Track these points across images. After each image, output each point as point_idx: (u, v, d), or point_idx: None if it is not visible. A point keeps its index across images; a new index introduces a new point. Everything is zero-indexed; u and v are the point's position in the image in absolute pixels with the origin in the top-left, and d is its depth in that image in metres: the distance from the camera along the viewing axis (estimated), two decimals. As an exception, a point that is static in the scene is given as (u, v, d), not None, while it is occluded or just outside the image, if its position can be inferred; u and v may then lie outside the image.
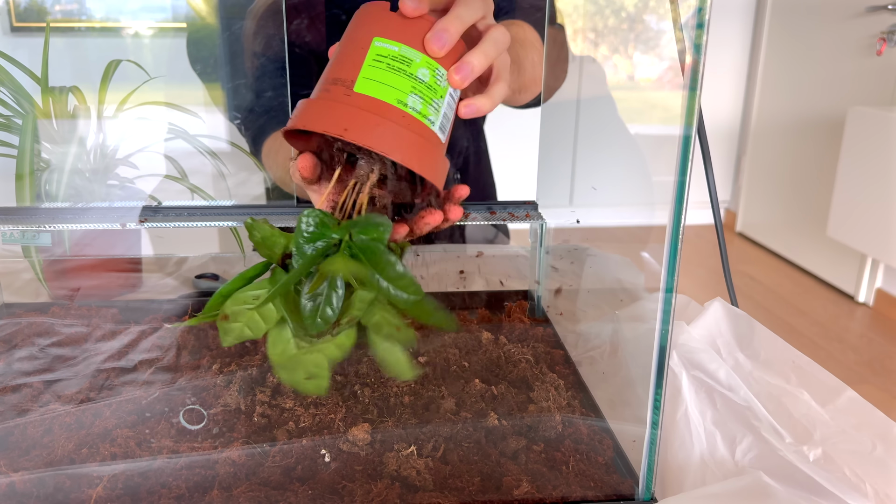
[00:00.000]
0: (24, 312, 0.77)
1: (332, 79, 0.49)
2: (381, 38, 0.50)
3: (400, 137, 0.48)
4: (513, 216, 0.80)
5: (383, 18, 0.51)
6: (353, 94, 0.48)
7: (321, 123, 0.47)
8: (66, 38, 1.41)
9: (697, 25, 0.45)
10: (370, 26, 0.51)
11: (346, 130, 0.47)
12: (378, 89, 0.49)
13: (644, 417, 0.51)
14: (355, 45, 0.50)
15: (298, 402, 0.61)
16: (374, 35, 0.50)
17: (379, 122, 0.48)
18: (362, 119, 0.48)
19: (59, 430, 0.57)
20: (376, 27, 0.51)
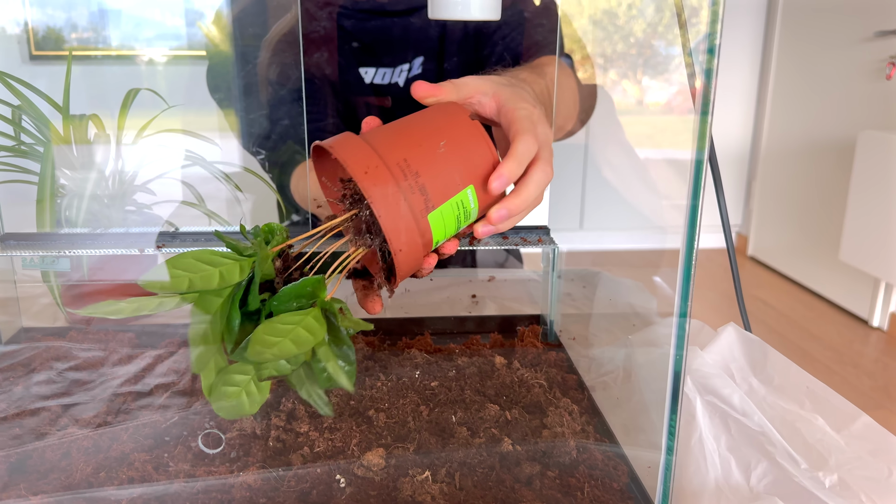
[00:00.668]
0: (42, 336, 0.78)
1: (420, 184, 0.54)
2: (472, 189, 0.57)
3: (411, 254, 0.54)
4: (525, 241, 0.81)
5: (485, 158, 0.57)
6: (425, 218, 0.54)
7: (385, 206, 0.52)
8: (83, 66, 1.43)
9: (708, 50, 0.46)
10: (472, 161, 0.57)
11: (389, 229, 0.52)
12: (438, 224, 0.55)
13: (659, 443, 0.51)
14: (453, 168, 0.56)
15: (313, 426, 0.61)
16: (468, 182, 0.56)
17: (409, 228, 0.53)
18: (402, 222, 0.53)
19: (76, 454, 0.58)
20: (475, 168, 0.57)
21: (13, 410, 0.63)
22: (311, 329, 0.49)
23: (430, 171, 0.54)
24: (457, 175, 0.56)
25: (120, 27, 1.66)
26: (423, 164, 0.54)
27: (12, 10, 1.61)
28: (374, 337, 0.79)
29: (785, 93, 3.37)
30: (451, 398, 0.66)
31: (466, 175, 0.56)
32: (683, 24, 0.64)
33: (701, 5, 0.55)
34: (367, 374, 0.69)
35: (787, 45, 3.35)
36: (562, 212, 1.01)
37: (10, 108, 0.82)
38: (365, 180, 0.52)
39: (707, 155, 0.47)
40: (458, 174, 0.56)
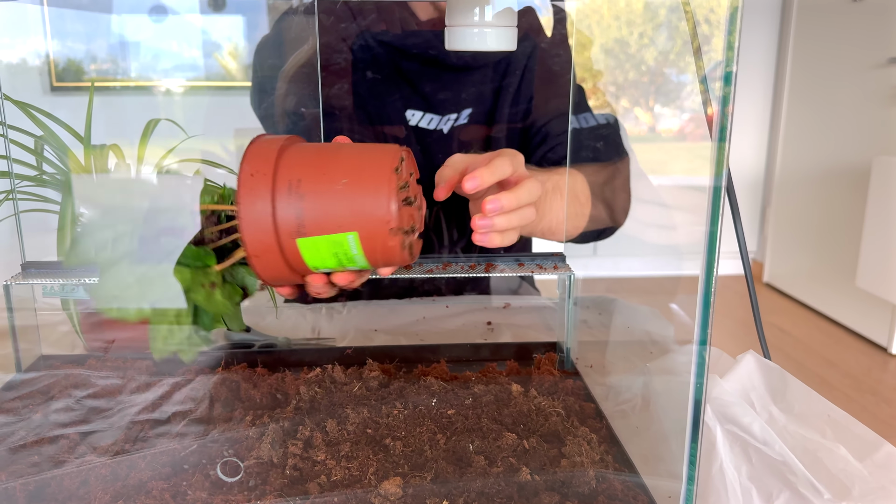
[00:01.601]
0: (61, 364, 0.79)
1: (300, 208, 0.53)
2: (356, 236, 0.54)
3: (269, 264, 0.55)
4: (541, 268, 0.81)
5: (376, 203, 0.54)
6: (293, 240, 0.54)
7: (249, 188, 0.53)
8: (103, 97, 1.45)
9: (724, 78, 0.46)
10: (361, 206, 0.54)
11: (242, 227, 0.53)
12: (311, 252, 0.55)
13: (679, 473, 0.51)
14: (341, 210, 0.54)
15: (330, 455, 0.61)
16: (353, 228, 0.54)
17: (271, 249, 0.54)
18: (261, 234, 0.53)
19: (94, 482, 0.58)
20: (365, 220, 0.54)
21: (32, 438, 0.64)
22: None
23: (317, 200, 0.53)
24: (342, 216, 0.54)
25: (139, 58, 1.69)
26: (313, 192, 0.53)
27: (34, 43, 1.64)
28: (390, 365, 0.79)
29: (798, 119, 3.37)
30: (467, 426, 0.66)
31: (353, 221, 0.54)
32: (697, 51, 0.64)
33: (712, 33, 0.55)
34: (384, 402, 0.69)
35: (799, 71, 3.36)
36: (576, 238, 1.02)
37: (32, 138, 0.83)
38: (244, 183, 0.52)
39: (725, 182, 0.47)
40: (344, 217, 0.54)
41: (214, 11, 1.77)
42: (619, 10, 2.92)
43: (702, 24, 0.64)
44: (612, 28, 2.90)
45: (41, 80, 1.87)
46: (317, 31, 0.87)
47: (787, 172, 3.46)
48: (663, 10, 3.02)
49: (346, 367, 0.77)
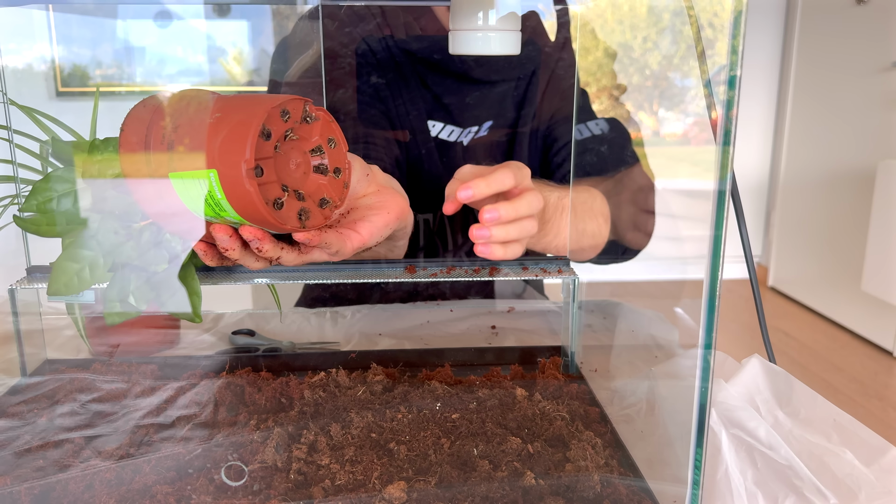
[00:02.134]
0: (66, 368, 0.79)
1: (170, 142, 0.52)
2: (216, 174, 0.51)
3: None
4: (545, 272, 0.81)
5: (239, 137, 0.51)
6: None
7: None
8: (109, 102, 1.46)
9: (729, 82, 0.46)
10: (223, 140, 0.51)
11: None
12: (182, 190, 0.53)
13: (684, 477, 0.51)
14: (206, 143, 0.51)
15: (334, 459, 0.61)
16: (212, 165, 0.51)
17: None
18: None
19: (99, 486, 0.58)
20: (222, 147, 0.51)
21: (37, 442, 0.64)
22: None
23: (187, 135, 0.52)
24: (206, 152, 0.51)
25: (144, 63, 1.70)
26: (186, 126, 0.52)
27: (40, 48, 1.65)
28: (394, 369, 0.79)
29: (803, 123, 3.37)
30: (472, 431, 0.66)
31: (213, 157, 0.50)
32: (701, 55, 0.64)
33: (716, 37, 0.55)
34: (388, 406, 0.69)
35: (804, 75, 3.36)
36: (580, 242, 1.02)
37: (37, 142, 0.83)
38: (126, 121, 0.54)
39: (729, 185, 0.47)
40: (208, 152, 0.51)
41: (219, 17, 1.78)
42: (622, 15, 2.92)
43: (705, 28, 0.64)
44: (616, 32, 2.90)
45: (47, 84, 1.88)
46: (321, 36, 0.88)
47: (791, 176, 3.46)
48: (667, 14, 3.02)
49: (350, 372, 0.77)
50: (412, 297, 1.12)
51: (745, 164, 3.67)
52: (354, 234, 0.62)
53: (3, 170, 0.80)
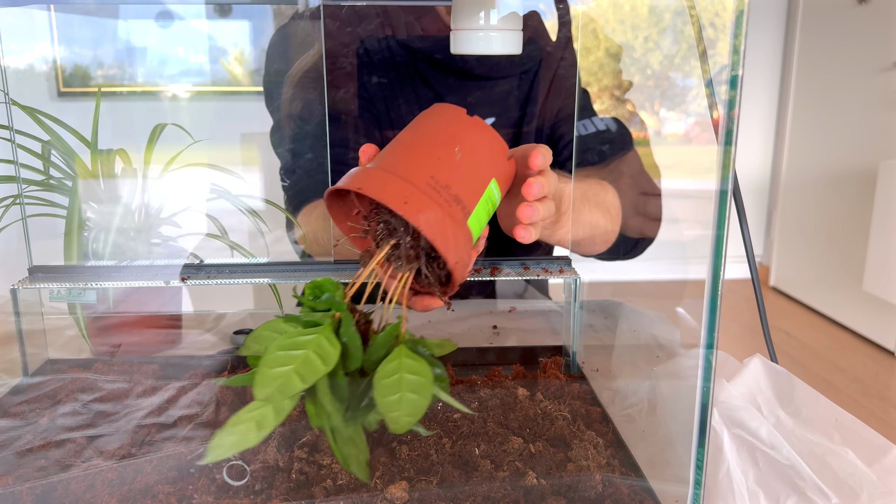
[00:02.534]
0: (68, 368, 0.79)
1: (453, 195, 0.56)
2: (495, 182, 0.60)
3: (464, 261, 0.57)
4: (547, 271, 0.81)
5: (495, 148, 0.60)
6: (466, 224, 0.57)
7: (430, 227, 0.54)
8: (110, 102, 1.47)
9: (731, 82, 0.46)
10: (488, 156, 0.60)
11: (448, 249, 0.54)
12: (475, 224, 0.58)
13: (686, 477, 0.51)
14: (475, 169, 0.58)
15: (335, 459, 0.61)
16: (491, 176, 0.59)
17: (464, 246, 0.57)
18: (452, 237, 0.55)
19: (101, 486, 0.58)
20: (492, 161, 0.60)
21: (38, 442, 0.64)
22: (323, 353, 0.50)
23: (458, 180, 0.56)
24: (480, 174, 0.58)
25: (146, 64, 1.70)
26: (449, 176, 0.56)
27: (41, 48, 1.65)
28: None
29: (804, 122, 3.36)
30: (473, 430, 0.66)
31: (487, 170, 0.58)
32: (702, 55, 0.64)
33: (718, 37, 0.55)
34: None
35: (805, 75, 3.35)
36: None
37: (39, 142, 0.84)
38: (407, 210, 0.53)
39: (731, 185, 0.47)
40: (481, 172, 0.58)
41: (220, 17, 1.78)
42: (623, 15, 2.92)
43: (707, 27, 0.64)
44: (617, 32, 2.90)
45: (48, 85, 1.88)
46: (322, 36, 0.88)
47: (793, 176, 3.45)
48: (668, 14, 3.01)
49: (351, 371, 0.77)
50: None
51: (746, 163, 3.67)
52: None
53: (5, 170, 0.80)
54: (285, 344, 0.50)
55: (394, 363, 0.52)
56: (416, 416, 0.49)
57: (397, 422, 0.49)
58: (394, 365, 0.51)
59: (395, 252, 0.58)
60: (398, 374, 0.51)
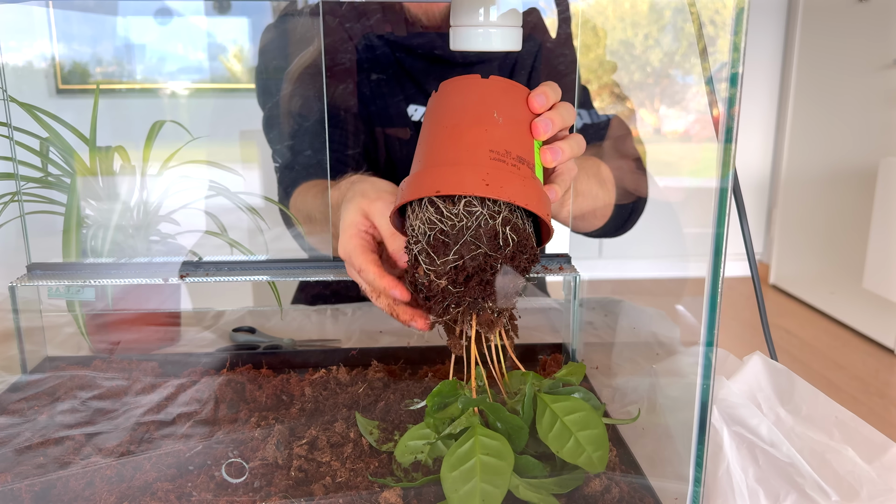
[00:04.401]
0: (66, 366, 0.79)
1: (516, 157, 0.56)
2: (539, 143, 0.59)
3: (543, 202, 0.57)
4: (547, 269, 0.80)
5: (520, 95, 0.60)
6: (537, 178, 0.57)
7: (528, 199, 0.54)
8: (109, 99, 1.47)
9: (731, 79, 0.46)
10: (521, 107, 0.59)
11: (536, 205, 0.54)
12: (539, 173, 0.58)
13: (686, 474, 0.51)
14: (519, 125, 0.58)
15: (335, 456, 0.61)
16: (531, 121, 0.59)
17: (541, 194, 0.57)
18: (535, 194, 0.55)
19: (100, 483, 0.58)
20: (525, 109, 0.59)
21: (37, 439, 0.64)
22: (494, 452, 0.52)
23: (511, 142, 0.56)
24: (523, 126, 0.58)
25: (144, 61, 1.69)
26: (504, 142, 0.55)
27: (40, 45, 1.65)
28: (395, 366, 0.79)
29: (804, 120, 3.36)
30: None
31: (526, 119, 0.58)
32: (703, 52, 0.64)
33: (718, 34, 0.55)
34: (388, 403, 0.69)
35: (805, 72, 3.35)
36: (581, 240, 1.01)
37: (38, 139, 0.83)
38: (490, 190, 0.52)
39: (731, 183, 0.47)
40: (524, 125, 0.58)
41: (219, 14, 1.78)
42: (623, 12, 2.92)
43: (707, 25, 0.64)
44: (617, 30, 2.90)
45: (47, 82, 1.88)
46: (321, 32, 0.87)
47: (793, 174, 3.45)
48: (668, 11, 3.01)
49: (350, 369, 0.77)
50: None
51: (746, 161, 3.67)
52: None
53: (4, 167, 0.80)
54: (453, 462, 0.51)
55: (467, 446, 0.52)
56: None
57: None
58: (467, 448, 0.52)
59: (481, 322, 0.56)
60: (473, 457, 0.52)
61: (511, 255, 0.54)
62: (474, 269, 0.53)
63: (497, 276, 0.53)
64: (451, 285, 0.53)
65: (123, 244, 0.82)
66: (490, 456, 0.51)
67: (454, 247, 0.53)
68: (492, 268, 0.53)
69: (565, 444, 0.54)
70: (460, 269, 0.53)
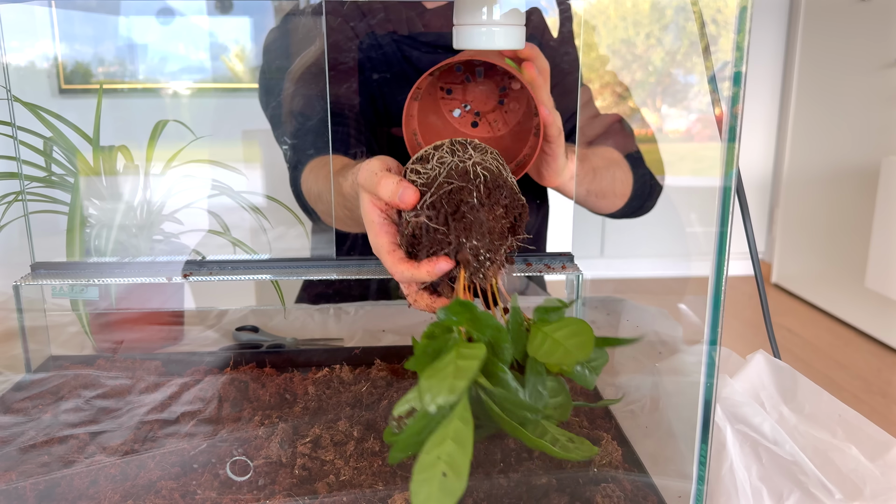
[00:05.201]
0: (70, 365, 0.79)
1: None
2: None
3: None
4: (549, 268, 0.80)
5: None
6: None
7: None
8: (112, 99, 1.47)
9: (734, 78, 0.46)
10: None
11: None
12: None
13: (689, 473, 0.51)
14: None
15: (338, 454, 0.61)
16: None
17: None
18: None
19: (104, 482, 0.58)
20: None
21: (42, 438, 0.64)
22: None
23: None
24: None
25: (147, 61, 1.69)
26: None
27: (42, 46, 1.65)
28: (398, 365, 0.79)
29: (806, 119, 3.36)
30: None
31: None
32: (706, 49, 0.64)
33: (720, 33, 0.55)
34: (391, 402, 0.69)
35: (807, 71, 3.35)
36: (583, 239, 1.02)
37: (41, 139, 0.83)
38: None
39: (735, 182, 0.47)
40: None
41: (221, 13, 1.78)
42: (625, 11, 2.91)
43: (709, 24, 0.64)
44: (619, 29, 2.90)
45: (50, 82, 1.88)
46: (324, 31, 0.87)
47: (795, 173, 3.45)
48: (670, 10, 3.01)
49: (353, 368, 0.77)
50: (416, 293, 1.12)
51: (748, 160, 3.66)
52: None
53: (8, 166, 0.80)
54: (429, 372, 0.47)
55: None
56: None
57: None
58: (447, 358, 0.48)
59: (474, 265, 0.54)
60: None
61: (485, 189, 0.54)
62: (451, 204, 0.53)
63: (476, 212, 0.53)
64: (432, 221, 0.53)
65: (127, 243, 0.82)
66: (466, 359, 0.47)
67: (430, 189, 0.54)
68: (468, 203, 0.53)
69: (554, 353, 0.49)
70: (438, 205, 0.53)
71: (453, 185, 0.53)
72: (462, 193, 0.53)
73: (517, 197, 0.56)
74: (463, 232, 0.53)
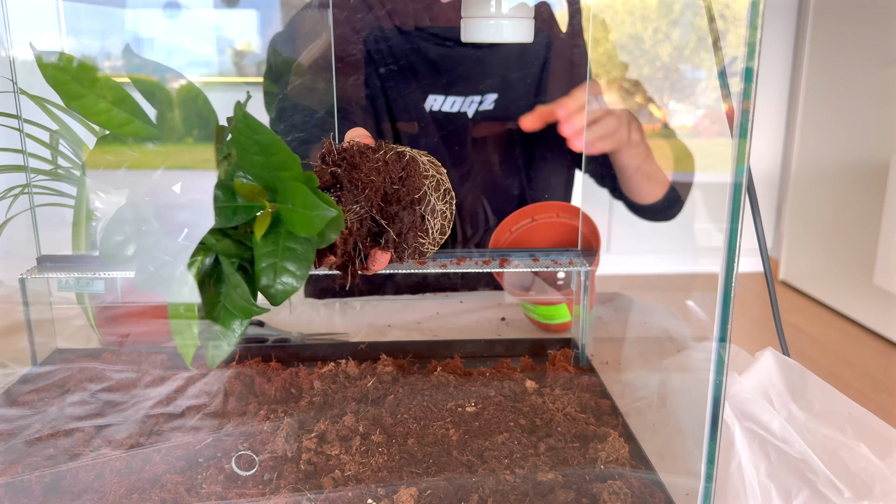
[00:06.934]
0: (76, 358, 0.79)
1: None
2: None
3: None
4: (556, 263, 0.80)
5: None
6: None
7: None
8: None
9: (746, 74, 0.45)
10: None
11: None
12: None
13: (697, 470, 0.50)
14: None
15: (344, 449, 0.61)
16: None
17: None
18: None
19: (109, 475, 0.58)
20: None
21: (47, 431, 0.64)
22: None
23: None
24: None
25: (153, 55, 1.69)
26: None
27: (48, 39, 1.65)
28: (403, 360, 0.79)
29: (815, 115, 3.34)
30: (481, 422, 0.65)
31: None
32: (716, 42, 0.64)
33: (728, 29, 0.54)
34: (397, 397, 0.69)
35: (816, 67, 3.33)
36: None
37: (48, 132, 0.83)
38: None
39: (745, 179, 0.47)
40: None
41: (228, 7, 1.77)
42: (633, 6, 2.90)
43: (717, 19, 0.63)
44: (627, 24, 2.88)
45: (56, 75, 1.88)
46: (331, 24, 0.87)
47: (803, 169, 3.43)
48: (678, 5, 2.99)
49: (359, 363, 0.77)
50: (422, 288, 1.12)
51: (756, 156, 3.65)
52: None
53: (14, 159, 0.80)
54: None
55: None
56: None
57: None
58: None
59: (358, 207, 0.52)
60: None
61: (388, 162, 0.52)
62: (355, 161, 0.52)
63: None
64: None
65: (133, 237, 0.82)
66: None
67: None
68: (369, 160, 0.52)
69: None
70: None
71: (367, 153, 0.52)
72: (368, 153, 0.52)
73: (419, 181, 0.53)
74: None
